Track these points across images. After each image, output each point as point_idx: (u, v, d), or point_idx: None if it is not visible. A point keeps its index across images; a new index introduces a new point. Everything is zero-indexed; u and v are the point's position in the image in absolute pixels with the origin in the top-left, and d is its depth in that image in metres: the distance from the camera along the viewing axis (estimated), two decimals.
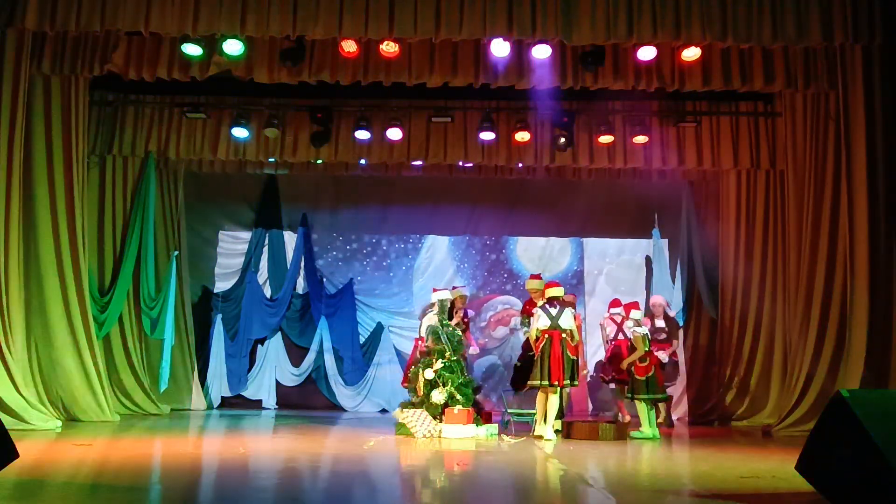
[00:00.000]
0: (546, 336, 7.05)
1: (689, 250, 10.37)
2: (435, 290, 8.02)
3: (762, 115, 9.32)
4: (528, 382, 7.26)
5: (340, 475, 4.82)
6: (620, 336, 8.38)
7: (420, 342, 7.77)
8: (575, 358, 7.18)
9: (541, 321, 7.13)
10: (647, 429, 7.30)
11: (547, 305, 7.23)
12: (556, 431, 7.37)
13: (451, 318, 7.74)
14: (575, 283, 10.98)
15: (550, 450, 6.23)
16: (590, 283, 11.04)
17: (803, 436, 5.82)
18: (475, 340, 8.90)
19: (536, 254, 11.13)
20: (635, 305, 7.95)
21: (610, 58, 7.73)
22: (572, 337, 7.16)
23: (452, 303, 7.98)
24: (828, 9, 6.88)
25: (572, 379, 7.10)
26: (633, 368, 7.49)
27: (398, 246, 11.19)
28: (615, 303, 8.72)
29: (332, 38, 7.11)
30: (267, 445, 6.48)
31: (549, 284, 7.57)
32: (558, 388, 7.06)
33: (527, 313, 7.95)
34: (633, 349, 7.64)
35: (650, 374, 7.44)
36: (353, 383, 10.70)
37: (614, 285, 11.02)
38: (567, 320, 7.12)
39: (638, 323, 7.71)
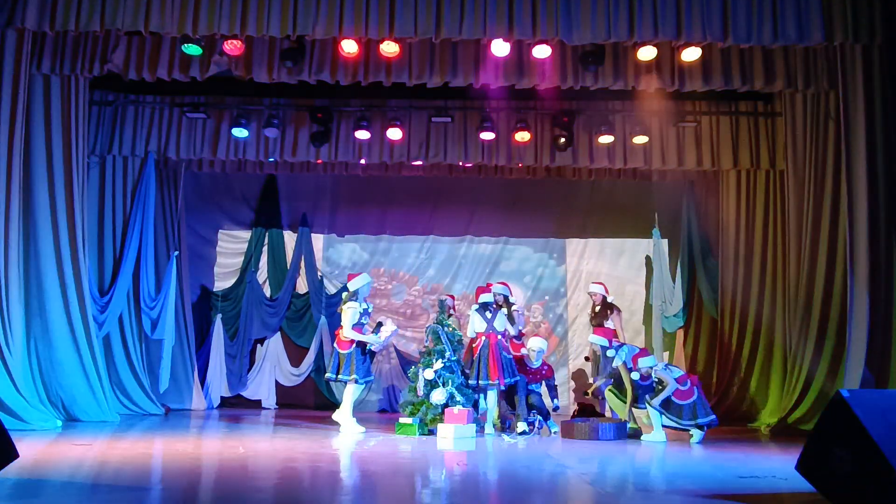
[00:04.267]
0: (483, 338, 7.63)
1: (689, 250, 10.37)
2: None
3: (762, 115, 9.32)
4: (468, 382, 7.58)
5: (340, 475, 4.82)
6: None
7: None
8: (510, 356, 7.78)
9: (476, 325, 7.75)
10: (658, 433, 7.24)
11: (481, 309, 7.81)
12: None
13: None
14: (574, 286, 10.97)
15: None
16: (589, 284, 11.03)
17: (803, 436, 5.83)
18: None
19: (532, 258, 11.12)
20: (643, 354, 7.65)
21: (610, 58, 7.74)
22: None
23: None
24: (828, 9, 6.88)
25: (512, 375, 7.65)
26: (672, 397, 7.20)
27: (398, 246, 11.19)
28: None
29: (332, 38, 7.11)
30: (267, 445, 6.48)
31: (480, 290, 8.13)
32: (497, 387, 7.56)
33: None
34: (661, 386, 7.30)
35: (693, 398, 7.20)
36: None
37: (614, 286, 11.01)
38: (501, 323, 7.79)
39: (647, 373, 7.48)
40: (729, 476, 4.77)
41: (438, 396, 7.22)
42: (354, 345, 7.50)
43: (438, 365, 7.34)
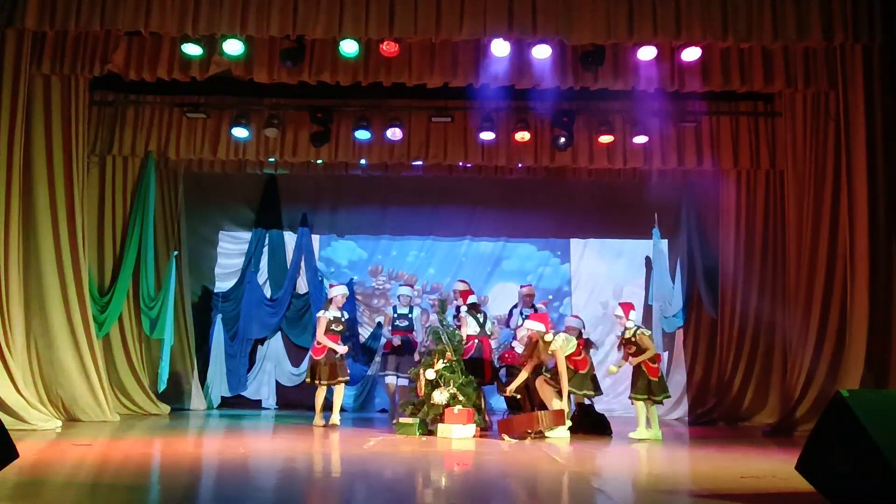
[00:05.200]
0: (476, 341, 7.92)
1: (689, 250, 10.36)
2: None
3: (762, 115, 9.31)
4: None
5: (340, 475, 4.82)
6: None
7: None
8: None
9: (470, 328, 8.01)
10: (646, 430, 7.25)
11: (472, 311, 8.12)
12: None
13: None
14: (575, 286, 10.98)
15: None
16: (588, 285, 11.02)
17: (803, 436, 5.83)
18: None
19: (534, 256, 11.13)
20: (632, 306, 7.74)
21: (610, 58, 7.73)
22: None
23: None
24: (828, 9, 6.88)
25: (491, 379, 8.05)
26: (644, 369, 7.35)
27: (398, 245, 11.19)
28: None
29: (333, 38, 7.12)
30: (267, 445, 6.49)
31: (466, 293, 8.40)
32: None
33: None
34: (639, 350, 7.39)
35: (658, 376, 7.35)
36: (354, 383, 10.69)
37: (614, 286, 11.02)
38: (489, 326, 8.19)
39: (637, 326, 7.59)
40: (729, 476, 4.77)
41: (440, 396, 7.22)
42: (326, 351, 7.99)
43: (440, 365, 7.34)
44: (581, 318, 8.65)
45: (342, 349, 8.10)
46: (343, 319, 8.30)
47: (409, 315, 8.94)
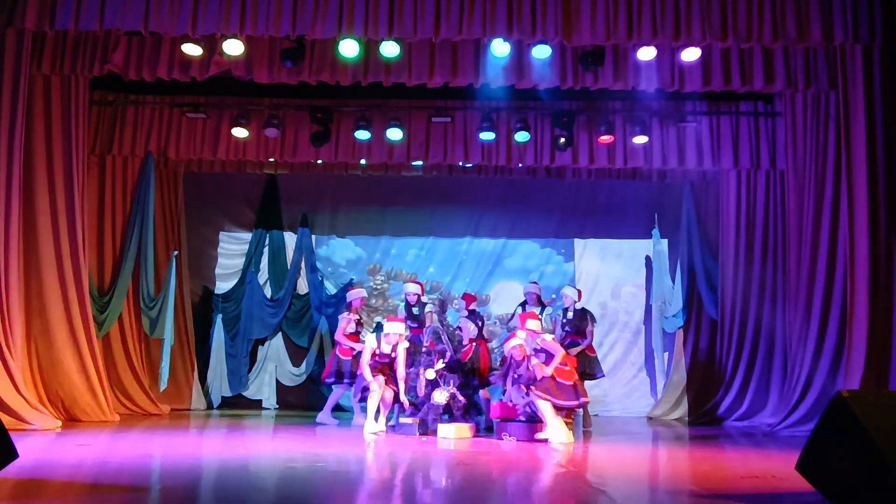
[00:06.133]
0: (474, 344, 7.93)
1: (689, 250, 10.36)
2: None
3: (762, 115, 9.32)
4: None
5: (340, 475, 4.82)
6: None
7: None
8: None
9: (471, 331, 8.01)
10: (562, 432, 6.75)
11: (472, 316, 8.16)
12: None
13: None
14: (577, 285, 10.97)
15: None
16: (588, 285, 11.00)
17: (803, 436, 5.83)
18: None
19: (536, 254, 11.13)
20: (533, 315, 7.42)
21: (610, 58, 7.74)
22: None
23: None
24: (828, 9, 6.87)
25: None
26: (557, 377, 6.78)
27: (398, 243, 11.18)
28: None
29: (333, 38, 7.12)
30: (267, 445, 6.48)
31: (469, 298, 8.51)
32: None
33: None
34: (550, 356, 6.88)
35: (573, 380, 6.86)
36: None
37: (613, 286, 11.01)
38: (486, 329, 8.30)
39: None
40: (729, 476, 4.77)
41: (440, 396, 7.22)
42: (354, 352, 8.29)
43: (440, 365, 7.34)
44: (579, 290, 8.72)
45: (360, 346, 8.30)
46: (362, 322, 8.76)
47: (419, 315, 8.51)
